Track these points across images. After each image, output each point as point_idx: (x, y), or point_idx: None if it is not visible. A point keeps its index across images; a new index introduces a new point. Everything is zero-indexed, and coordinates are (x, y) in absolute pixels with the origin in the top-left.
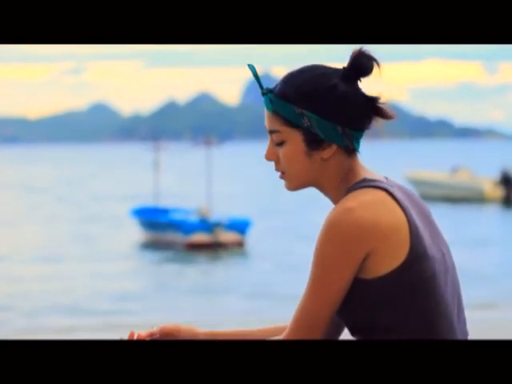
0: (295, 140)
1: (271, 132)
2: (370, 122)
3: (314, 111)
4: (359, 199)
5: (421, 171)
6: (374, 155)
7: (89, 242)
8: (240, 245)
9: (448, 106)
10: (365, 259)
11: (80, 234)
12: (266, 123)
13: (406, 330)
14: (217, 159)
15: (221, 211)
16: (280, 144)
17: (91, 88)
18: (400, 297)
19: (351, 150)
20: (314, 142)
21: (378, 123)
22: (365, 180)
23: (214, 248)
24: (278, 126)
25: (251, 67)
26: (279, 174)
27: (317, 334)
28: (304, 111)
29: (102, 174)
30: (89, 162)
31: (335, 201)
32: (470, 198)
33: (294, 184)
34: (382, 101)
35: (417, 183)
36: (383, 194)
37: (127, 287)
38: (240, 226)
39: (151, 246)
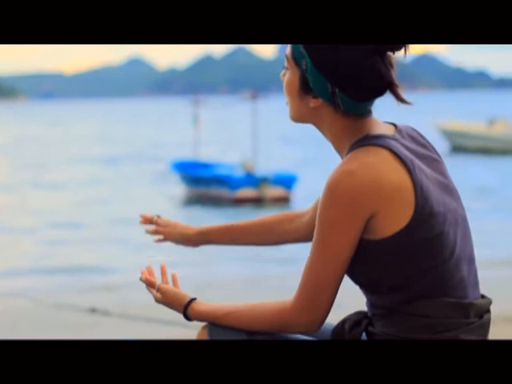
0: (294, 75)
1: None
2: (371, 99)
3: (313, 60)
4: (360, 160)
5: (454, 122)
6: (409, 106)
7: (129, 199)
8: (286, 200)
9: (486, 56)
10: (369, 220)
11: (119, 190)
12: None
13: (415, 288)
14: (251, 113)
15: (263, 166)
16: (286, 69)
17: None
18: (407, 257)
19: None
20: (305, 87)
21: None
22: (367, 137)
23: (260, 203)
24: (288, 53)
25: None
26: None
27: (325, 296)
28: (305, 54)
29: (137, 129)
30: (125, 117)
31: (339, 152)
32: (507, 150)
33: (292, 115)
34: (397, 87)
35: (449, 134)
36: (385, 152)
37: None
38: (286, 181)
39: (195, 201)
